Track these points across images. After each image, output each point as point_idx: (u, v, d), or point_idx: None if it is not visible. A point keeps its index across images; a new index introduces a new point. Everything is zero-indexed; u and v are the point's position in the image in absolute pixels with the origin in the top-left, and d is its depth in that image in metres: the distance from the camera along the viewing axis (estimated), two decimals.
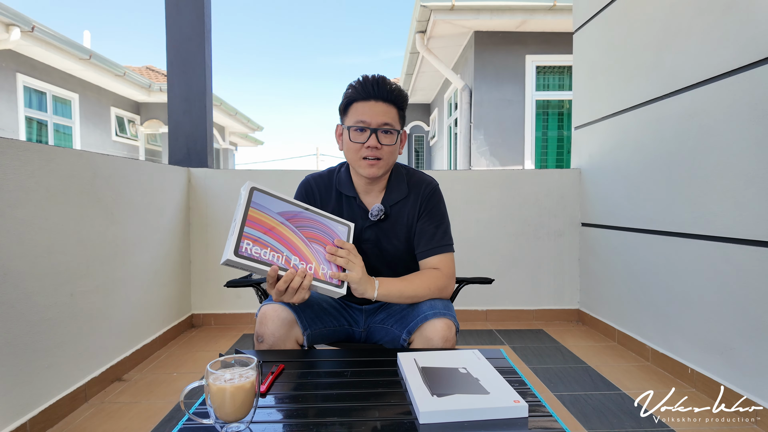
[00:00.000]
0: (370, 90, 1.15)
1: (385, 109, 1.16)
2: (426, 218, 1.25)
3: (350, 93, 1.18)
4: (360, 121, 1.15)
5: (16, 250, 1.47)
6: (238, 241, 0.94)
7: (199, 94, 2.89)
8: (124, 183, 2.11)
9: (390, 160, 1.20)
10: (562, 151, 5.66)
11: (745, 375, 1.67)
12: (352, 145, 1.17)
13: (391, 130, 1.16)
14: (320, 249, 1.05)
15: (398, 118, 1.19)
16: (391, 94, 1.16)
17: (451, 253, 1.25)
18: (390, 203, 1.24)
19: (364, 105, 1.16)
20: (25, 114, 7.14)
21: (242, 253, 0.94)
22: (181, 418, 1.04)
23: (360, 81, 1.17)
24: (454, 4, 4.87)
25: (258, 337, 1.13)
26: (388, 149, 1.17)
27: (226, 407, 0.71)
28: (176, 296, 2.66)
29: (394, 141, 1.18)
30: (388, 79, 1.18)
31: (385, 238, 1.25)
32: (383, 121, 1.15)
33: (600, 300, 2.72)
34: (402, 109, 1.21)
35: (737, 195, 1.70)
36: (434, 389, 0.81)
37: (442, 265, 1.21)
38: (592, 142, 2.79)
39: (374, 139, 1.15)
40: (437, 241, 1.23)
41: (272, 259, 0.98)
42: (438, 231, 1.24)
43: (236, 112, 10.80)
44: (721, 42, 1.77)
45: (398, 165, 1.31)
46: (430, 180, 1.30)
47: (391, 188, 1.26)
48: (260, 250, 0.97)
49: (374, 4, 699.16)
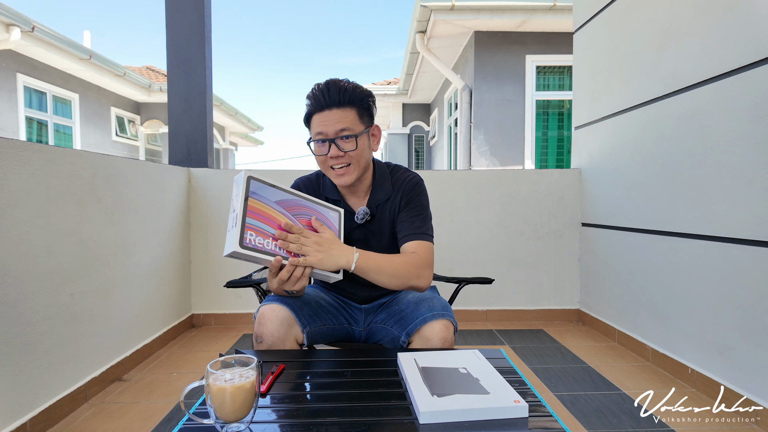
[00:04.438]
0: (321, 99, 1.13)
1: (339, 115, 1.13)
2: (406, 209, 1.25)
3: (308, 106, 1.17)
4: (318, 133, 1.15)
5: (16, 250, 1.47)
6: (241, 233, 0.94)
7: (199, 94, 2.89)
8: (124, 183, 2.11)
9: (361, 162, 1.18)
10: (562, 151, 5.66)
11: (745, 375, 1.67)
12: (318, 158, 1.18)
13: (350, 135, 1.14)
14: None
15: (358, 118, 1.16)
16: (344, 96, 1.13)
17: (429, 242, 1.22)
18: (375, 204, 1.25)
19: (319, 116, 1.14)
20: (26, 114, 7.14)
21: (247, 245, 0.94)
22: (181, 418, 1.04)
23: (312, 91, 1.15)
24: (454, 4, 4.87)
25: (257, 337, 1.13)
26: (352, 153, 1.15)
27: (226, 407, 0.71)
28: (176, 296, 2.66)
29: (355, 145, 1.15)
30: (342, 80, 1.16)
31: (373, 238, 1.26)
32: (339, 128, 1.13)
33: (600, 300, 2.72)
34: (362, 107, 1.17)
35: (737, 195, 1.69)
36: (434, 389, 0.81)
37: (420, 249, 1.18)
38: (593, 142, 2.79)
39: (335, 149, 1.14)
40: (415, 228, 1.21)
41: (275, 249, 0.98)
42: (417, 219, 1.23)
43: (236, 112, 10.80)
44: (721, 42, 1.77)
45: (382, 164, 1.31)
46: (413, 175, 1.29)
47: (376, 189, 1.26)
48: (263, 240, 0.97)
49: (374, 4, 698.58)
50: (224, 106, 9.97)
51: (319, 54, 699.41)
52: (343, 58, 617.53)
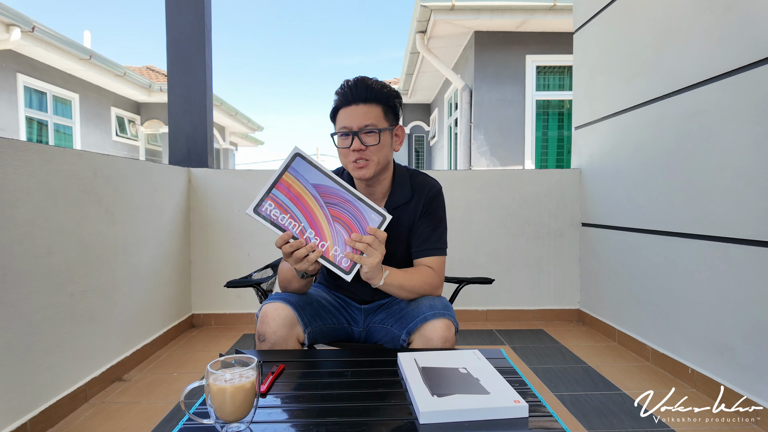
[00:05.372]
0: (349, 94, 1.16)
1: (365, 111, 1.16)
2: (425, 220, 1.26)
3: (335, 101, 1.20)
4: (343, 126, 1.17)
5: (16, 250, 1.47)
6: (261, 200, 1.03)
7: (199, 94, 2.89)
8: (125, 183, 2.11)
9: (380, 159, 1.19)
10: (562, 151, 5.66)
11: (745, 375, 1.67)
12: (341, 151, 1.20)
13: (373, 129, 1.16)
14: (341, 230, 1.06)
15: (383, 116, 1.18)
16: (371, 93, 1.16)
17: (444, 256, 1.27)
18: (393, 206, 1.25)
19: (346, 110, 1.17)
20: (26, 114, 7.14)
21: (261, 212, 1.03)
22: (181, 418, 1.04)
23: (341, 87, 1.19)
24: (454, 4, 4.87)
25: (259, 336, 1.13)
26: (373, 149, 1.16)
27: (227, 407, 0.71)
28: (176, 296, 2.67)
29: (378, 140, 1.17)
30: (370, 78, 1.19)
31: (387, 241, 1.24)
32: (364, 123, 1.15)
33: (600, 300, 2.72)
34: (388, 105, 1.20)
35: (737, 195, 1.69)
36: (434, 389, 0.81)
37: (436, 265, 1.24)
38: (593, 142, 2.79)
39: (357, 142, 1.15)
40: (432, 243, 1.25)
41: (287, 226, 1.04)
42: (434, 234, 1.26)
43: (236, 112, 10.80)
44: (721, 42, 1.77)
45: (402, 167, 1.31)
46: (434, 183, 1.30)
47: (394, 191, 1.27)
48: (279, 213, 1.04)
49: (374, 4, 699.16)
50: (224, 106, 9.96)
51: (320, 54, 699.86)
52: (343, 59, 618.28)
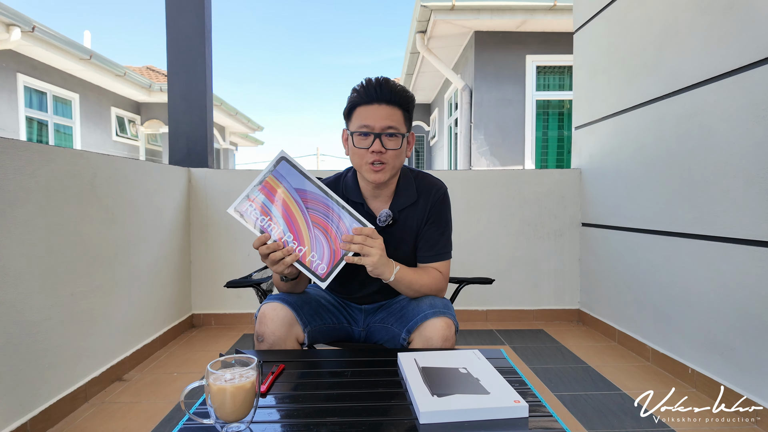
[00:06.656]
0: (373, 93, 1.12)
1: (388, 112, 1.12)
2: (433, 224, 1.25)
3: (354, 97, 1.15)
4: (363, 125, 1.13)
5: (16, 250, 1.47)
6: (242, 200, 1.05)
7: (199, 94, 2.89)
8: (125, 183, 2.11)
9: (396, 165, 1.16)
10: (562, 151, 5.66)
11: (745, 375, 1.67)
12: (357, 151, 1.15)
13: (395, 133, 1.13)
14: (320, 236, 1.06)
15: (403, 121, 1.16)
16: (396, 96, 1.13)
17: (450, 259, 1.28)
18: (398, 208, 1.23)
19: (367, 109, 1.13)
20: (26, 114, 7.14)
21: (240, 211, 1.05)
22: (181, 418, 1.04)
23: (363, 84, 1.14)
24: (454, 4, 4.87)
25: (258, 336, 1.13)
26: (392, 153, 1.14)
27: (227, 407, 0.71)
28: (176, 296, 2.67)
29: (399, 145, 1.14)
30: (393, 80, 1.15)
31: (393, 243, 1.22)
32: (387, 125, 1.12)
33: (600, 300, 2.72)
34: (408, 111, 1.17)
35: (737, 195, 1.69)
36: (434, 389, 0.81)
37: (443, 269, 1.25)
38: (593, 142, 2.79)
39: (378, 144, 1.12)
40: (440, 248, 1.25)
41: (266, 228, 1.05)
42: (442, 238, 1.26)
43: (236, 112, 10.80)
44: (721, 42, 1.77)
45: (406, 168, 1.28)
46: (440, 184, 1.28)
47: (399, 193, 1.24)
48: (259, 215, 1.05)
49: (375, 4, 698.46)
50: (224, 106, 9.96)
51: (320, 54, 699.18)
52: (343, 58, 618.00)
